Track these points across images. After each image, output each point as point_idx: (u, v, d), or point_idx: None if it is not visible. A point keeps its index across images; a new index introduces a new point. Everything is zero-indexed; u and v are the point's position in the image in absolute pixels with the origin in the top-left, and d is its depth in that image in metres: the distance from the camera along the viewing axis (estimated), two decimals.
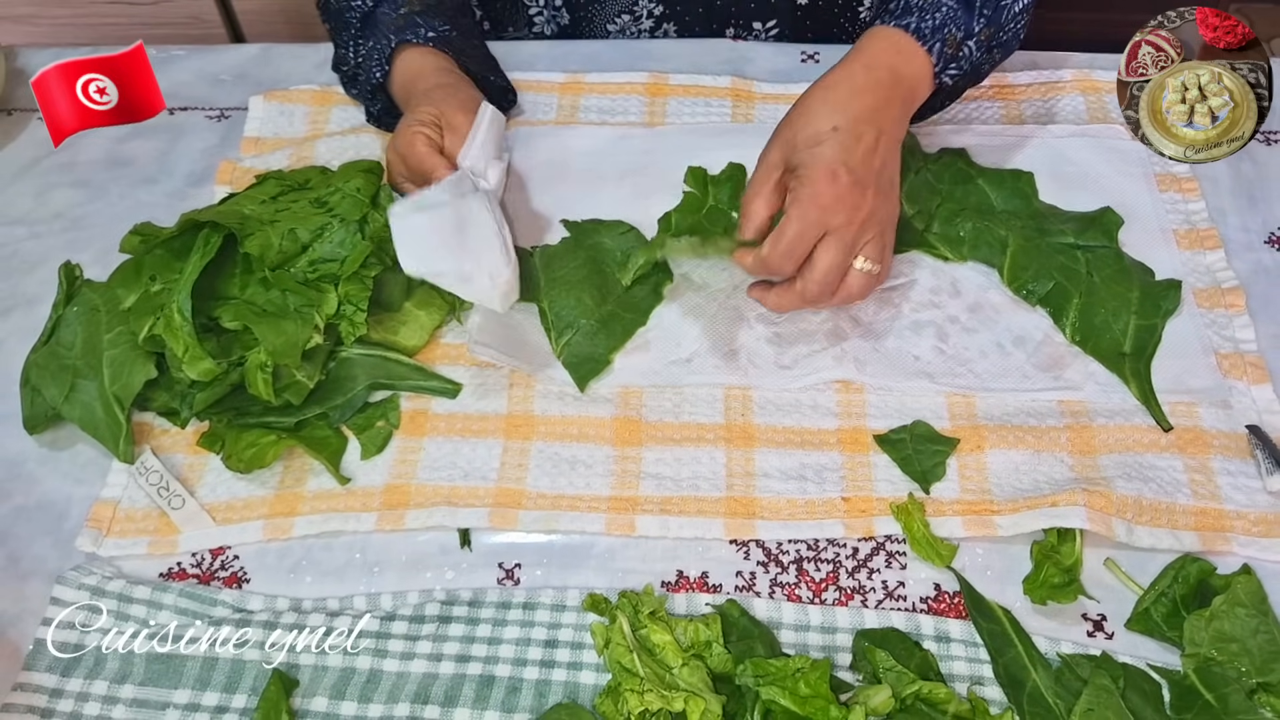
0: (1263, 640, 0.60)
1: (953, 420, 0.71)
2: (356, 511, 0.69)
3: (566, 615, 0.64)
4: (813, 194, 0.68)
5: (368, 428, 0.72)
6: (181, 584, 0.66)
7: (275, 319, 0.70)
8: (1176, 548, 0.65)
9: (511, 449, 0.71)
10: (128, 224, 0.82)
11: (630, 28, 0.99)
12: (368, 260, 0.73)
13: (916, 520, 0.66)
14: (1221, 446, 0.69)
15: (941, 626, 0.63)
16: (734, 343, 0.75)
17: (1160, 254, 0.79)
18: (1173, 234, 0.80)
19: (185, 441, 0.72)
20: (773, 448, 0.70)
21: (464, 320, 0.77)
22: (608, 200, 0.83)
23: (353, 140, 0.89)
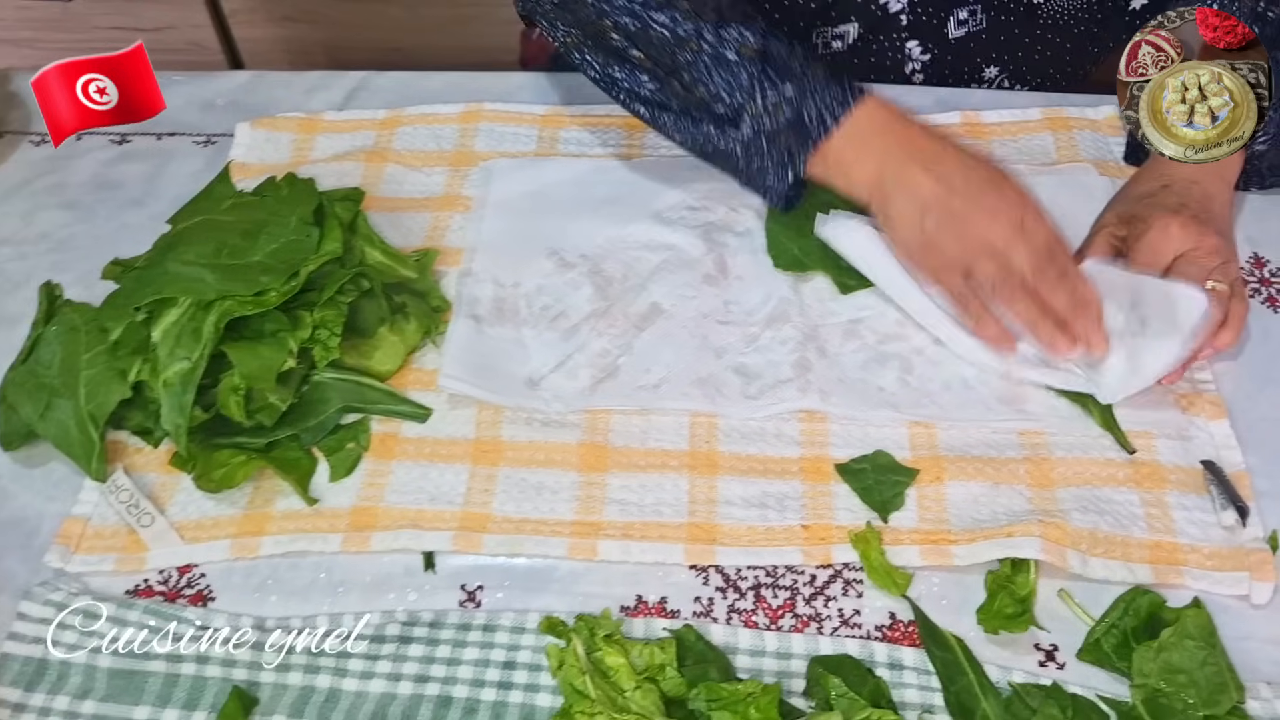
0: (1210, 672, 0.61)
1: (914, 451, 0.72)
2: (323, 532, 0.70)
3: (525, 638, 0.65)
4: (1160, 225, 0.75)
5: (338, 450, 0.73)
6: (147, 600, 0.67)
7: (250, 343, 0.71)
8: (1129, 580, 0.66)
9: (479, 474, 0.72)
10: (113, 246, 0.84)
11: None
12: (344, 287, 0.74)
13: (874, 549, 0.67)
14: (1178, 481, 0.70)
15: (895, 654, 0.64)
16: (702, 371, 0.76)
17: None
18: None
19: (158, 460, 0.74)
20: (736, 475, 0.71)
21: (439, 344, 0.78)
22: (586, 230, 0.85)
23: (336, 168, 0.90)
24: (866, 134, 0.75)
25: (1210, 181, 0.79)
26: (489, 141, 0.93)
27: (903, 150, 0.75)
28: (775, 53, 0.75)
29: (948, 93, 0.96)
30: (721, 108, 0.76)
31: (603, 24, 0.77)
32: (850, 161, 0.75)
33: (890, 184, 0.75)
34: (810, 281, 0.81)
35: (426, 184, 0.90)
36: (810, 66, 0.75)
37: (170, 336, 0.69)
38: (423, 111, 0.95)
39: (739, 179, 0.80)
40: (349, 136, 0.94)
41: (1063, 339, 0.72)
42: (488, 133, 0.93)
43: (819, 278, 0.81)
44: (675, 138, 0.81)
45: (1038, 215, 0.74)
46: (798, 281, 0.81)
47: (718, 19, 0.75)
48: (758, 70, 0.74)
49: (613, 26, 0.77)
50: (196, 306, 0.70)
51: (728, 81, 0.75)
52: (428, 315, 0.78)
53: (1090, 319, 0.73)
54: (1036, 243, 0.73)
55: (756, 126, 0.75)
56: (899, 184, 0.74)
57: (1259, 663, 0.63)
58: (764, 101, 0.75)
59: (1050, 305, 0.72)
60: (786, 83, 0.74)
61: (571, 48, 0.82)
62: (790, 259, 0.81)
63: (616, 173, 0.89)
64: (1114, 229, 0.79)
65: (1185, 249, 0.75)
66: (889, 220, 0.76)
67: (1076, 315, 0.72)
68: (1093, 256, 0.78)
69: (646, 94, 0.80)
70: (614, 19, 0.77)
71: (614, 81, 0.80)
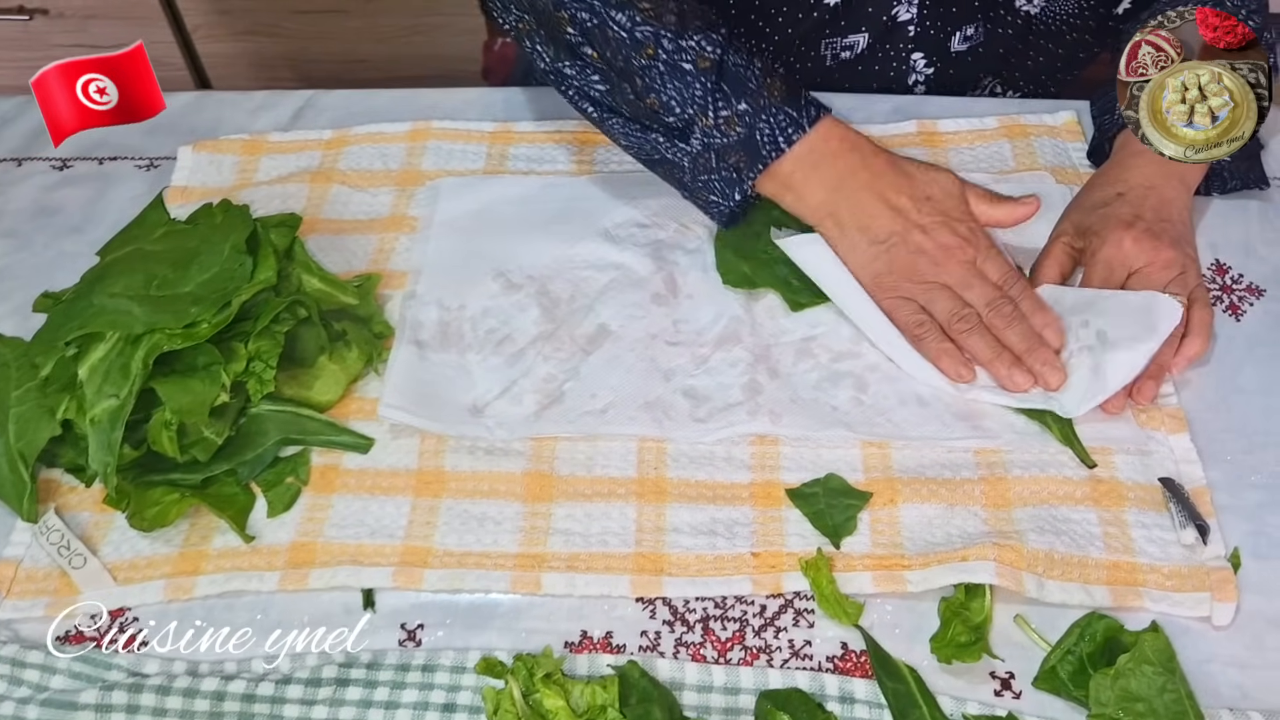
0: (1169, 699, 0.59)
1: (867, 473, 0.71)
2: (260, 570, 0.68)
3: (466, 678, 0.63)
4: (1113, 240, 0.74)
5: (276, 484, 0.71)
6: (77, 647, 0.65)
7: (181, 378, 0.69)
8: (1088, 603, 0.64)
9: (421, 506, 0.70)
10: (50, 275, 0.82)
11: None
12: (280, 316, 0.72)
13: (824, 576, 0.65)
14: (1137, 499, 0.68)
15: (846, 686, 0.62)
16: (650, 394, 0.74)
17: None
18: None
19: (92, 499, 0.71)
20: (684, 502, 0.70)
21: (381, 372, 0.77)
22: (533, 250, 0.83)
23: (280, 190, 0.88)
24: (820, 158, 0.74)
25: (1168, 186, 0.78)
26: (437, 160, 0.91)
27: (856, 178, 0.74)
28: (732, 67, 0.73)
29: (905, 100, 0.94)
30: (672, 118, 0.74)
31: (559, 15, 0.75)
32: (801, 184, 0.74)
33: (843, 212, 0.74)
34: (761, 299, 0.79)
35: (372, 205, 0.88)
36: (768, 83, 0.73)
37: (98, 373, 0.67)
38: (369, 130, 0.93)
39: (683, 191, 0.78)
40: (294, 157, 0.92)
41: (1019, 375, 0.71)
42: (435, 151, 0.91)
43: (770, 295, 0.79)
44: (622, 142, 0.79)
45: (992, 250, 0.74)
46: (748, 299, 0.79)
47: (678, 26, 0.73)
48: (712, 83, 0.73)
49: (569, 20, 0.75)
50: (125, 341, 0.68)
51: (680, 92, 0.73)
52: (370, 342, 0.76)
53: (1046, 353, 0.72)
54: (992, 279, 0.73)
55: (706, 141, 0.74)
56: (853, 213, 0.74)
57: (1221, 686, 0.62)
58: (716, 116, 0.73)
59: (1006, 341, 0.72)
60: (741, 99, 0.73)
61: (522, 34, 0.79)
62: (739, 276, 0.79)
63: (565, 189, 0.87)
64: (1070, 239, 0.78)
65: (1139, 264, 0.74)
66: (840, 248, 0.75)
67: (1032, 350, 0.71)
68: (1047, 270, 0.77)
69: (596, 95, 0.78)
70: (571, 11, 0.74)
71: (564, 77, 0.78)
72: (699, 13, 0.75)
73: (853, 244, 0.74)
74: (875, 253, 0.74)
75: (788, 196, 0.75)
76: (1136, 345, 0.71)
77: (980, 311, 0.72)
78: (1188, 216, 0.79)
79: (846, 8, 0.90)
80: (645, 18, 0.73)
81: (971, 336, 0.72)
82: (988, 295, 0.72)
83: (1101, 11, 0.93)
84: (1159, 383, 0.72)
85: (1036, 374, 0.71)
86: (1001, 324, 0.72)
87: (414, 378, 0.75)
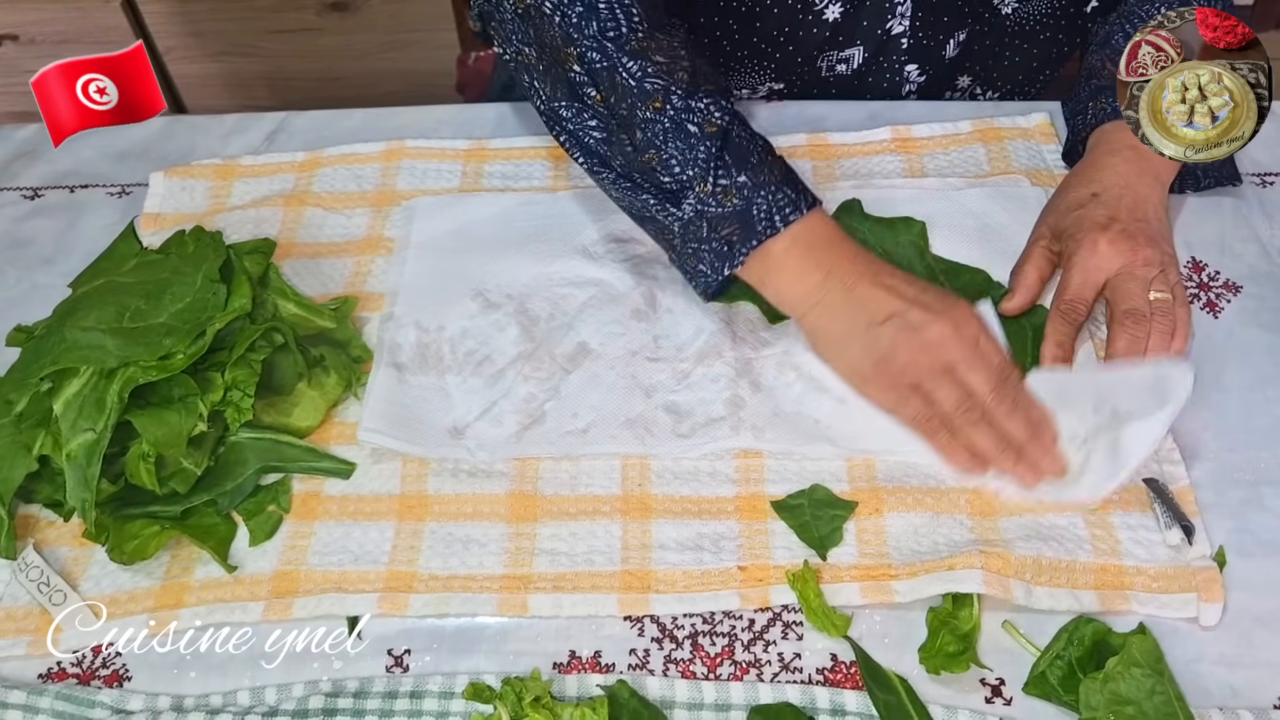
0: (1159, 701, 0.59)
1: (852, 483, 0.70)
2: (244, 601, 0.67)
3: (455, 703, 0.62)
4: (1089, 243, 0.74)
5: (258, 513, 0.70)
6: (59, 685, 0.64)
7: (158, 410, 0.68)
8: (1076, 608, 0.64)
9: (404, 530, 0.70)
10: (23, 308, 0.81)
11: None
12: (256, 343, 0.72)
13: (811, 589, 0.65)
14: (1121, 501, 0.68)
15: (837, 699, 0.62)
16: (632, 411, 0.74)
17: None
18: None
19: (70, 533, 0.71)
20: (670, 518, 0.69)
21: (360, 396, 0.76)
22: (511, 268, 0.83)
23: (253, 214, 0.88)
24: (812, 244, 0.71)
25: (1143, 184, 0.78)
26: (411, 179, 0.90)
27: (849, 265, 0.71)
28: (737, 138, 0.71)
29: (879, 105, 0.94)
30: (669, 178, 0.71)
31: (567, 51, 0.72)
32: (792, 269, 0.71)
33: (836, 297, 0.70)
34: (740, 312, 0.79)
35: (348, 226, 0.87)
36: (768, 161, 0.71)
37: (73, 408, 0.67)
38: (343, 152, 0.93)
39: (669, 255, 0.75)
40: (267, 181, 0.91)
41: (1026, 472, 0.69)
42: (410, 170, 0.91)
43: (748, 307, 0.78)
44: (612, 194, 0.76)
45: (989, 333, 0.71)
46: (728, 312, 0.79)
47: (690, 85, 0.71)
48: (716, 149, 0.70)
49: (577, 58, 0.72)
50: (100, 375, 0.67)
51: (683, 153, 0.70)
52: (348, 366, 0.76)
53: (1046, 444, 0.69)
54: (993, 363, 0.70)
55: (700, 208, 0.70)
56: (848, 298, 0.70)
57: (1210, 685, 0.62)
58: (715, 184, 0.70)
59: (1007, 431, 0.69)
60: (742, 172, 0.70)
61: (521, 68, 0.77)
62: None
63: (542, 206, 0.87)
64: (1048, 243, 0.78)
65: (1118, 266, 0.74)
66: (830, 339, 0.72)
67: (1033, 442, 0.69)
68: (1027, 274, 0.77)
69: (590, 142, 0.74)
70: (582, 50, 0.71)
71: (558, 119, 0.75)
72: (712, 78, 0.73)
73: (847, 331, 0.71)
74: (876, 335, 0.70)
75: (774, 283, 0.72)
76: (1153, 415, 0.68)
77: (985, 399, 0.69)
78: (1164, 213, 0.79)
79: (844, 23, 0.90)
80: (658, 70, 0.70)
81: (977, 430, 0.69)
82: (991, 381, 0.69)
83: (1072, 11, 0.93)
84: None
85: (1038, 465, 0.69)
86: (1004, 413, 0.69)
87: (393, 401, 0.75)
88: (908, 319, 0.69)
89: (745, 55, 0.93)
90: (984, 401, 0.69)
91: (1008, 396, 0.69)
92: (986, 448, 0.69)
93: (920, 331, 0.69)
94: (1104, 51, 0.86)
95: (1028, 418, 0.69)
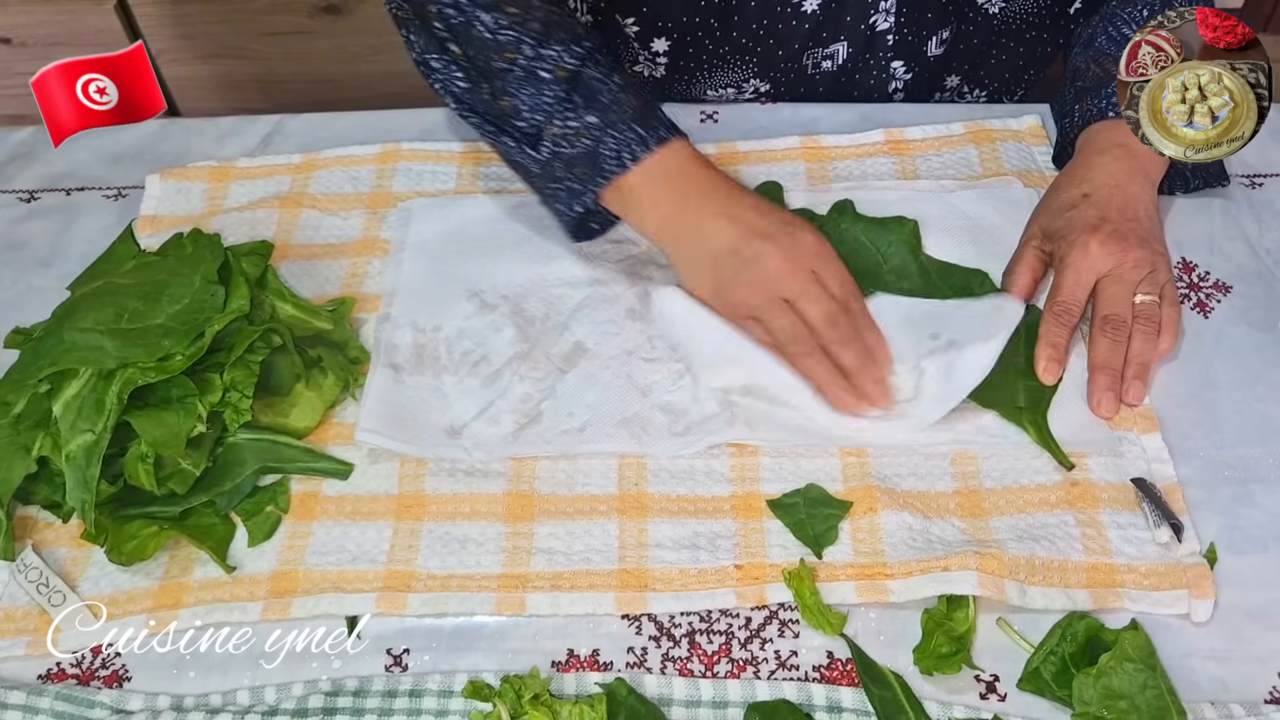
0: (1151, 696, 0.60)
1: (846, 482, 0.71)
2: (242, 601, 0.67)
3: (454, 701, 0.63)
4: (1080, 244, 0.75)
5: (256, 513, 0.71)
6: (59, 685, 0.64)
7: (156, 411, 0.68)
8: (1069, 607, 0.64)
9: (402, 530, 0.70)
10: (19, 311, 0.81)
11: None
12: (254, 345, 0.72)
13: (807, 588, 0.65)
14: (1110, 500, 0.69)
15: (833, 695, 0.62)
16: (627, 410, 0.74)
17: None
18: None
19: (69, 534, 0.71)
20: (666, 517, 0.70)
21: (358, 396, 0.76)
22: (507, 269, 0.83)
23: (249, 216, 0.88)
24: (664, 176, 0.74)
25: (1133, 183, 0.78)
26: (407, 181, 0.91)
27: (699, 194, 0.74)
28: (587, 79, 0.74)
29: (871, 108, 0.95)
30: (522, 122, 0.75)
31: (428, 9, 0.77)
32: (645, 202, 0.75)
33: (685, 227, 0.74)
34: None
35: (343, 228, 0.88)
36: (622, 98, 0.74)
37: (71, 409, 0.67)
38: (339, 154, 0.93)
39: (538, 197, 0.80)
40: (263, 183, 0.92)
41: (851, 399, 0.72)
42: (405, 172, 0.91)
43: None
44: (483, 139, 0.81)
45: (834, 262, 0.73)
46: None
47: (541, 34, 0.74)
48: (564, 93, 0.74)
49: (436, 14, 0.77)
50: (99, 376, 0.68)
51: (533, 98, 0.74)
52: (345, 367, 0.76)
53: (876, 374, 0.72)
54: (831, 291, 0.72)
55: (555, 149, 0.75)
56: (694, 227, 0.74)
57: (1201, 680, 0.63)
58: (564, 126, 0.74)
59: (840, 360, 0.71)
60: (590, 113, 0.74)
61: (400, 21, 0.81)
62: None
63: (538, 208, 0.87)
64: (1040, 243, 0.79)
65: (1108, 268, 0.74)
66: (680, 264, 0.76)
67: (863, 369, 0.71)
68: (1020, 275, 0.78)
69: (456, 90, 0.79)
70: (439, 5, 0.76)
71: (430, 70, 0.80)
72: (567, 25, 0.76)
73: (694, 256, 0.74)
74: (718, 266, 0.73)
75: (632, 214, 0.76)
76: (984, 344, 0.72)
77: (818, 328, 0.71)
78: (1154, 212, 0.80)
79: (825, 18, 0.91)
80: (511, 22, 0.74)
81: (808, 360, 0.72)
82: (826, 311, 0.71)
83: (1057, 10, 0.94)
84: (1145, 383, 0.73)
85: (866, 393, 0.71)
86: (837, 341, 0.71)
87: (390, 401, 0.75)
88: (744, 253, 0.72)
89: (727, 52, 0.94)
90: (818, 330, 0.71)
91: (843, 325, 0.71)
92: (818, 376, 0.71)
93: (756, 264, 0.72)
94: (1087, 53, 0.86)
95: (861, 348, 0.71)
